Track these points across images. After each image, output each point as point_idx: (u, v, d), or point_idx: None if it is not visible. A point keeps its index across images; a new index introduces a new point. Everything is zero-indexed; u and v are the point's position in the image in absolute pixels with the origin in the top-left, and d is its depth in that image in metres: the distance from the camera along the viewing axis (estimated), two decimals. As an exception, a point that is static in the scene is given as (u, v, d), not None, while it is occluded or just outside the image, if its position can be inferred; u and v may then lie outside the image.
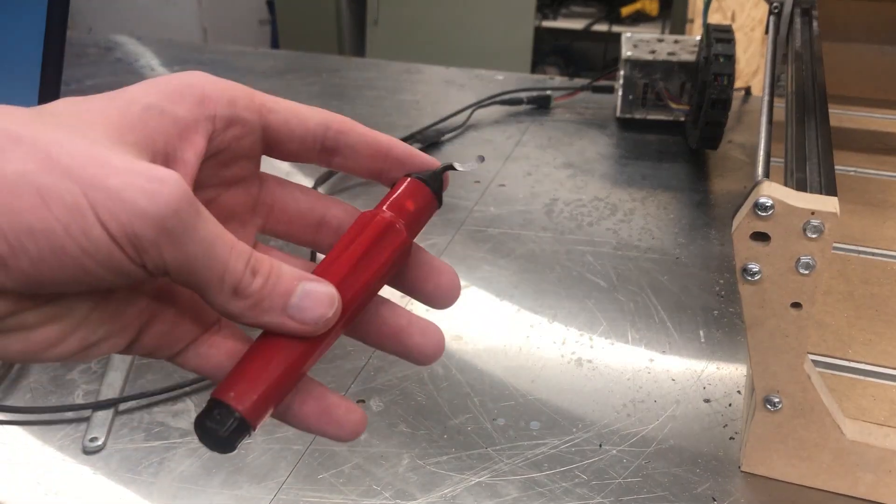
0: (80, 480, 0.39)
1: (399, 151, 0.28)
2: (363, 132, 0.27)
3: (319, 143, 0.27)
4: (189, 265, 0.21)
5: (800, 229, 0.31)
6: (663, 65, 0.74)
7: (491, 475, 0.39)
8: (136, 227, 0.19)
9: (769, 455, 0.37)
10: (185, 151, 0.23)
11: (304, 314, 0.23)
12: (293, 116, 0.26)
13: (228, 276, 0.22)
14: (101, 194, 0.19)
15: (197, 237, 0.21)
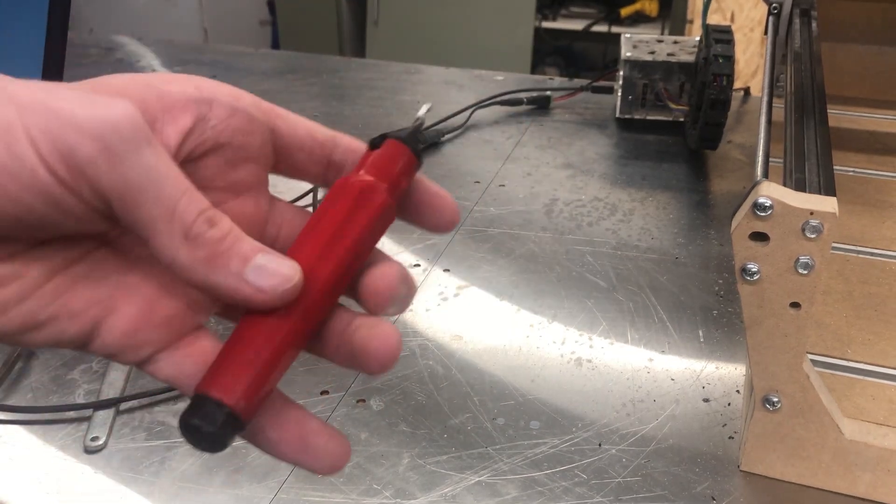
0: (82, 480, 0.39)
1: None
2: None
3: (327, 158, 0.25)
4: (132, 194, 0.19)
5: (799, 229, 0.31)
6: (663, 65, 0.74)
7: (491, 474, 0.39)
8: (70, 139, 0.18)
9: (768, 454, 0.38)
10: (165, 125, 0.22)
11: (263, 278, 0.20)
12: (301, 126, 0.25)
13: (179, 217, 0.19)
14: (38, 115, 0.18)
15: (143, 162, 0.19)
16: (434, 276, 0.55)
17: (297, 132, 0.25)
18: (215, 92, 0.23)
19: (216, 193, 0.24)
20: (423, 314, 0.51)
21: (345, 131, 0.26)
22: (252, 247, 0.21)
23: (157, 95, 0.22)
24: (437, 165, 0.72)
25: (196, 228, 0.20)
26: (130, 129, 0.19)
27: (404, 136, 0.25)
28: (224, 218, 0.21)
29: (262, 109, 0.24)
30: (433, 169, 0.71)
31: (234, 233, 0.21)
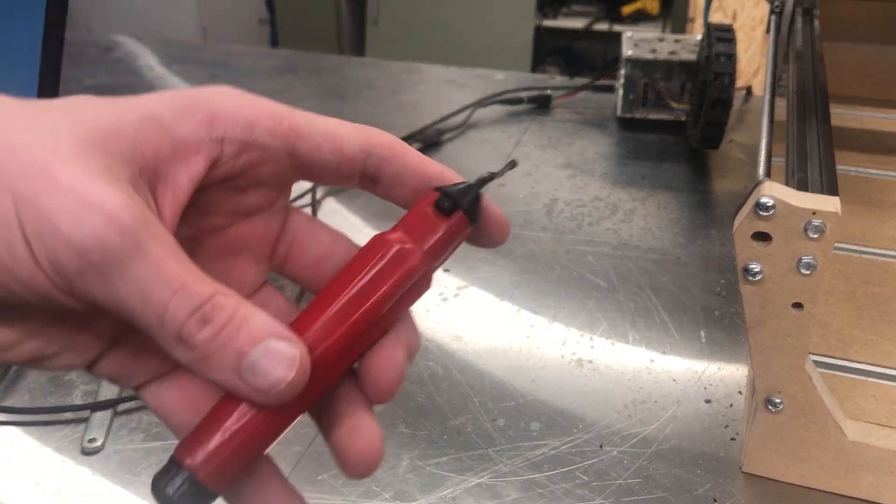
0: (79, 481, 0.38)
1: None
2: (410, 161, 0.23)
3: (358, 171, 0.23)
4: (122, 306, 0.19)
5: (801, 229, 0.31)
6: (664, 64, 0.74)
7: (491, 476, 0.39)
8: (59, 254, 0.18)
9: (770, 455, 0.37)
10: (177, 173, 0.21)
11: (258, 379, 0.19)
12: (327, 142, 0.23)
13: (168, 322, 0.19)
14: (32, 212, 0.18)
15: (128, 276, 0.18)
16: (434, 276, 0.55)
17: (321, 152, 0.23)
18: (227, 125, 0.21)
19: (222, 217, 0.23)
20: (423, 314, 0.51)
21: None
22: (250, 338, 0.19)
23: (171, 142, 0.21)
24: (437, 165, 0.72)
25: (186, 331, 0.19)
26: (118, 243, 0.18)
27: (465, 203, 0.23)
28: (223, 308, 0.19)
29: (279, 134, 0.22)
30: (433, 168, 0.71)
31: (234, 323, 0.19)
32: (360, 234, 0.61)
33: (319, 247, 0.25)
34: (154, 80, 0.94)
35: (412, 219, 0.23)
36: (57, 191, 0.18)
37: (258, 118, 0.22)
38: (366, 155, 0.23)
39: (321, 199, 0.65)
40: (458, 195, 0.23)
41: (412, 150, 0.24)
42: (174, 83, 0.93)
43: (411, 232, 0.22)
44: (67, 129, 0.19)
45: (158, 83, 0.93)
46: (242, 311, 0.20)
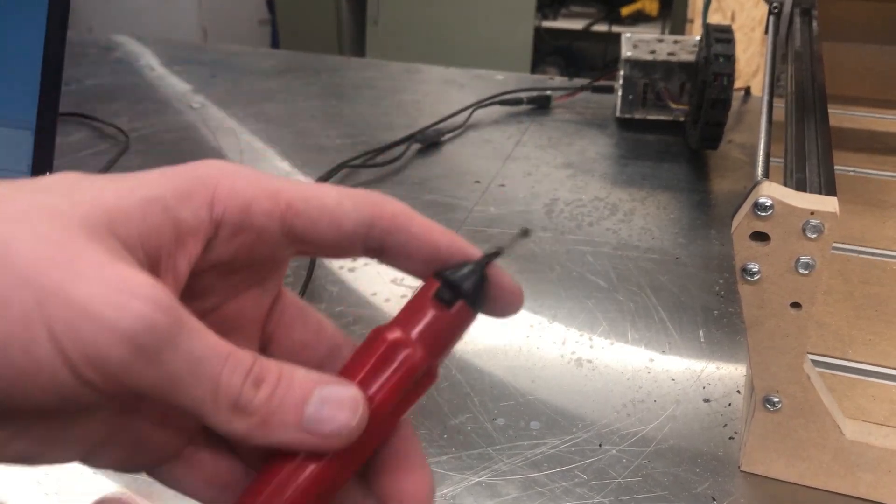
0: (81, 480, 0.39)
1: (460, 255, 0.22)
2: (416, 232, 0.22)
3: (360, 245, 0.22)
4: (172, 386, 0.18)
5: (799, 229, 0.31)
6: (663, 65, 0.74)
7: (491, 475, 0.39)
8: (101, 346, 0.17)
9: (769, 455, 0.37)
10: (177, 258, 0.20)
11: (324, 426, 0.19)
12: (325, 217, 0.21)
13: (223, 392, 0.18)
14: (60, 306, 0.16)
15: (179, 353, 0.17)
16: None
17: (318, 229, 0.21)
18: (225, 207, 0.20)
19: (213, 298, 0.22)
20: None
21: (344, 130, 0.24)
22: (303, 390, 0.19)
23: (173, 227, 0.20)
24: (437, 165, 0.72)
25: (244, 398, 0.18)
26: (164, 322, 0.17)
27: (467, 290, 0.21)
28: (270, 367, 0.19)
29: (275, 215, 0.21)
30: (433, 169, 0.71)
31: (284, 378, 0.19)
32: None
33: (307, 332, 0.24)
34: (154, 80, 0.94)
35: (412, 311, 0.21)
36: (87, 279, 0.17)
37: (253, 199, 0.21)
38: (367, 228, 0.22)
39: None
40: (459, 282, 0.21)
41: (418, 218, 0.22)
42: (174, 83, 0.93)
43: (411, 327, 0.21)
44: (69, 214, 0.18)
45: (159, 83, 0.93)
46: (284, 366, 0.19)
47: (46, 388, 0.17)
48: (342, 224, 0.21)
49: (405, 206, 0.22)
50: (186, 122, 0.81)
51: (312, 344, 0.24)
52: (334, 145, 0.75)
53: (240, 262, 0.22)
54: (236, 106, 0.85)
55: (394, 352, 0.21)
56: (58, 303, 0.16)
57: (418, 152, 0.74)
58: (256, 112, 0.83)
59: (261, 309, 0.23)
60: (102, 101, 0.86)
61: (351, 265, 0.56)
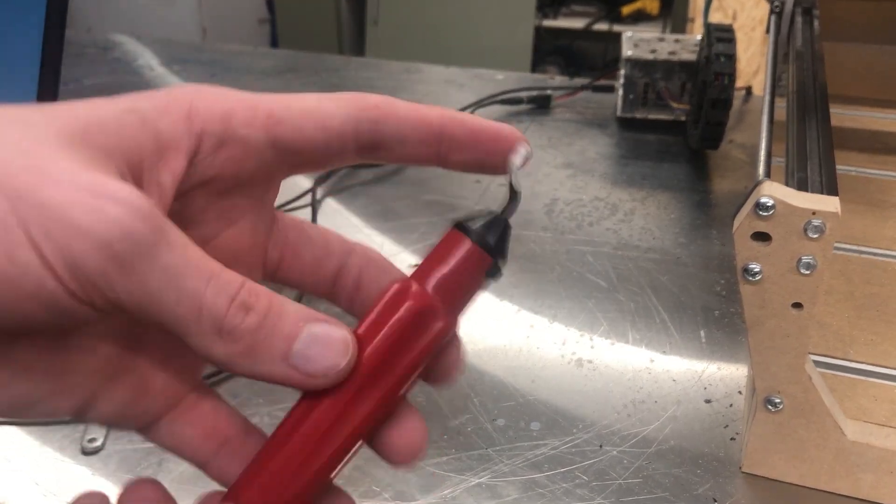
0: (79, 481, 0.38)
1: (456, 130, 0.22)
2: (405, 114, 0.21)
3: (352, 144, 0.21)
4: (151, 301, 0.17)
5: (801, 229, 0.31)
6: (664, 64, 0.74)
7: (491, 476, 0.39)
8: (76, 251, 0.16)
9: (770, 456, 0.37)
10: (160, 172, 0.19)
11: (311, 363, 0.18)
12: (309, 121, 0.21)
13: (207, 313, 0.17)
14: (34, 209, 0.15)
15: (158, 265, 0.16)
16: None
17: (304, 133, 0.21)
18: (204, 118, 0.20)
19: (207, 226, 0.22)
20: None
21: None
22: (293, 324, 0.18)
23: (153, 138, 0.19)
24: (437, 165, 0.72)
25: (229, 321, 0.18)
26: (143, 230, 0.16)
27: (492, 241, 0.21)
28: (260, 294, 0.18)
29: (257, 124, 0.21)
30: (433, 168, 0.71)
31: (274, 309, 0.18)
32: (360, 234, 0.61)
33: (315, 248, 0.24)
34: (154, 80, 0.93)
35: (433, 264, 0.21)
36: (60, 184, 0.16)
37: (232, 109, 0.20)
38: (355, 123, 0.21)
39: (321, 200, 0.65)
40: (476, 230, 0.21)
41: (402, 102, 0.21)
42: (174, 83, 0.93)
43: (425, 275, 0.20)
44: (43, 123, 0.17)
45: (158, 83, 0.93)
46: (275, 296, 0.18)
47: (34, 297, 0.16)
48: (327, 123, 0.21)
49: (385, 96, 0.22)
50: (186, 121, 0.81)
51: (323, 258, 0.23)
52: (334, 145, 0.74)
53: (228, 180, 0.21)
54: (236, 105, 0.85)
55: (399, 298, 0.20)
56: (32, 207, 0.16)
57: (418, 152, 0.74)
58: (256, 112, 0.83)
59: (259, 236, 0.23)
60: (102, 100, 0.85)
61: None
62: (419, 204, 0.65)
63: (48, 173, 0.16)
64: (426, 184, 0.68)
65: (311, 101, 0.21)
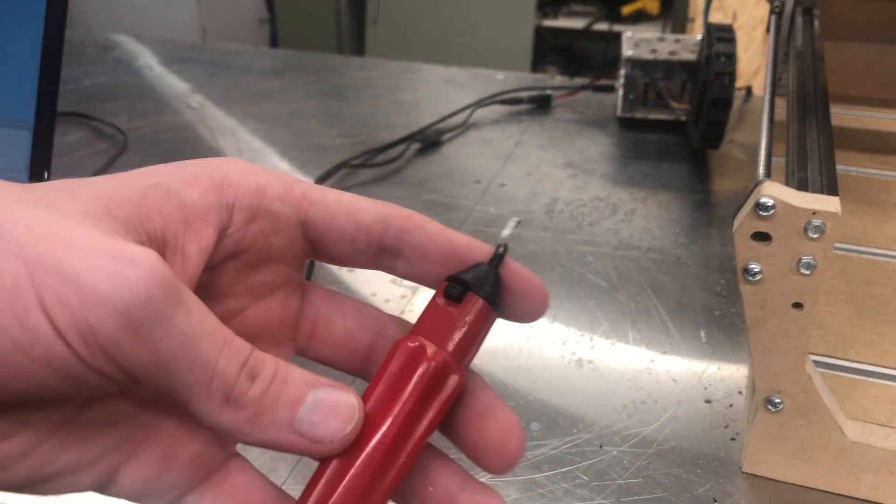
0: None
1: (478, 255, 0.21)
2: (433, 231, 0.21)
3: (376, 244, 0.21)
4: (164, 368, 0.17)
5: (801, 229, 0.31)
6: (664, 64, 0.74)
7: (490, 476, 0.38)
8: (91, 318, 0.16)
9: (770, 456, 0.37)
10: (186, 243, 0.19)
11: (316, 429, 0.18)
12: (342, 210, 0.21)
13: (218, 382, 0.17)
14: (51, 275, 0.15)
15: (175, 332, 0.16)
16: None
17: (335, 220, 0.21)
18: (237, 190, 0.20)
19: (236, 299, 0.21)
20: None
21: (344, 130, 0.24)
22: (298, 389, 0.18)
23: (179, 209, 0.19)
24: (437, 165, 0.72)
25: (238, 389, 0.17)
26: (161, 296, 0.16)
27: (488, 292, 0.21)
28: (266, 361, 0.18)
29: (290, 201, 0.21)
30: (433, 168, 0.71)
31: (279, 376, 0.18)
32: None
33: (347, 321, 0.23)
34: (153, 80, 0.93)
35: (427, 316, 0.21)
36: (81, 251, 0.16)
37: (267, 184, 0.20)
38: (384, 226, 0.21)
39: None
40: (468, 276, 0.21)
41: (433, 221, 0.22)
42: (173, 83, 0.93)
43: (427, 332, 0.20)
44: (66, 202, 0.17)
45: (158, 83, 0.93)
46: (280, 362, 0.18)
47: (46, 364, 0.16)
48: (360, 218, 0.21)
49: (415, 212, 0.22)
50: (185, 121, 0.81)
51: (356, 332, 0.23)
52: (334, 145, 0.74)
53: (258, 253, 0.21)
54: (235, 105, 0.85)
55: (411, 360, 0.20)
56: (49, 273, 0.15)
57: (418, 152, 0.74)
58: (255, 112, 0.83)
59: (288, 310, 0.22)
60: (101, 100, 0.85)
61: (350, 265, 0.56)
62: (419, 204, 0.64)
63: (70, 241, 0.16)
64: (426, 184, 0.68)
65: (346, 196, 0.21)
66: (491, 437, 0.21)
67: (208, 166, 0.20)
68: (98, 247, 0.16)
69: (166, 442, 0.20)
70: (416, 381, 0.20)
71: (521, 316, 0.22)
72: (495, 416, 0.21)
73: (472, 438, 0.21)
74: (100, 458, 0.19)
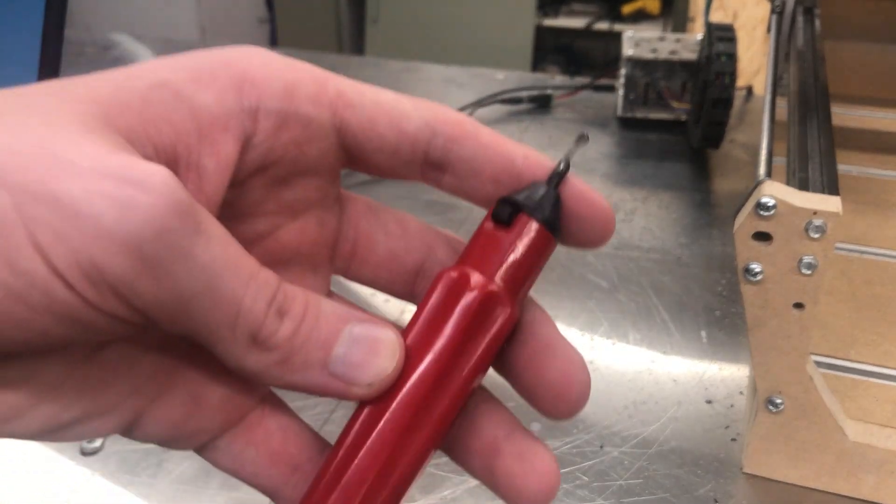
0: (78, 482, 0.38)
1: (539, 172, 0.19)
2: (486, 142, 0.19)
3: (421, 155, 0.18)
4: (183, 307, 0.14)
5: (802, 229, 0.31)
6: (665, 64, 0.74)
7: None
8: (95, 254, 0.13)
9: (771, 456, 0.37)
10: (203, 156, 0.16)
11: (353, 370, 0.16)
12: (383, 114, 0.18)
13: (243, 320, 0.15)
14: (43, 205, 0.13)
15: (195, 266, 0.14)
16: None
17: (376, 127, 0.18)
18: (261, 90, 0.17)
19: (266, 219, 0.19)
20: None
21: None
22: (332, 326, 0.16)
23: (191, 115, 0.16)
24: (438, 164, 0.71)
25: (266, 329, 0.15)
26: (176, 226, 0.13)
27: (545, 214, 0.18)
28: (295, 296, 0.16)
29: (324, 102, 0.18)
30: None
31: (311, 311, 0.16)
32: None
33: (391, 240, 0.20)
34: (154, 80, 0.93)
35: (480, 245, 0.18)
36: (76, 172, 0.13)
37: (298, 82, 0.17)
38: (431, 134, 0.18)
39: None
40: (522, 199, 0.18)
41: (487, 129, 0.19)
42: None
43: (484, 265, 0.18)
44: (54, 107, 0.14)
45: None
46: (311, 296, 0.16)
47: (46, 310, 0.13)
48: (403, 124, 0.18)
49: (468, 116, 0.19)
50: (186, 121, 0.81)
51: (401, 253, 0.20)
52: (334, 144, 0.74)
53: (289, 166, 0.18)
54: (236, 105, 0.85)
55: (454, 291, 0.18)
56: (40, 202, 0.13)
57: (418, 151, 0.73)
58: (256, 111, 0.83)
59: (326, 229, 0.19)
60: (101, 99, 0.85)
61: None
62: (419, 204, 0.64)
63: (64, 160, 0.13)
64: (426, 183, 0.68)
65: (388, 96, 0.18)
66: (550, 378, 0.18)
67: (223, 57, 0.17)
68: (98, 166, 0.13)
69: (192, 384, 0.18)
70: (461, 316, 0.17)
71: (583, 242, 0.19)
72: (555, 354, 0.18)
73: (530, 380, 0.18)
74: (119, 403, 0.17)
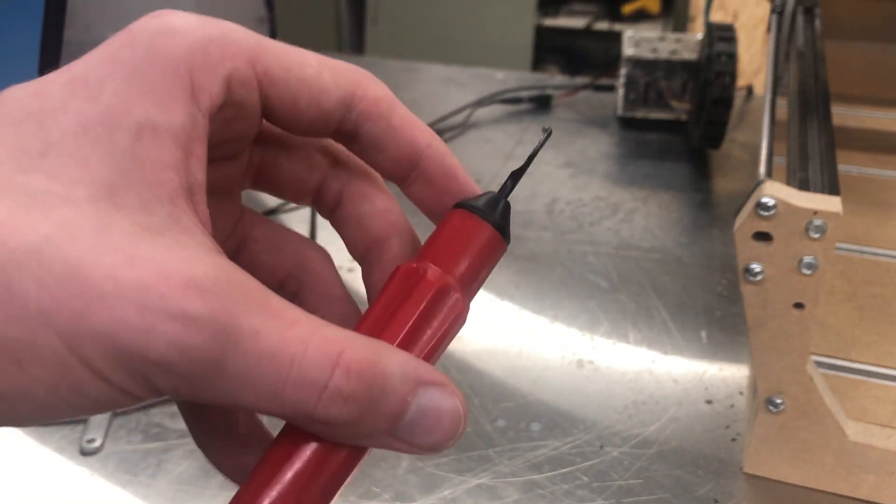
0: (78, 482, 0.38)
1: (432, 166, 0.21)
2: (397, 124, 0.20)
3: (334, 125, 0.20)
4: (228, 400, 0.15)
5: (802, 229, 0.31)
6: (665, 63, 0.74)
7: (491, 477, 0.38)
8: (149, 374, 0.14)
9: (771, 456, 0.37)
10: (192, 173, 0.17)
11: (419, 437, 0.16)
12: (305, 90, 0.19)
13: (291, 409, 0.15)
14: (95, 345, 0.14)
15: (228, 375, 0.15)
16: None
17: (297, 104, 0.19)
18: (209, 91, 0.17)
19: None
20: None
21: None
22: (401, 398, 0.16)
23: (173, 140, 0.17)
24: (438, 164, 0.71)
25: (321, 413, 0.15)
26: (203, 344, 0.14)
27: (496, 218, 0.20)
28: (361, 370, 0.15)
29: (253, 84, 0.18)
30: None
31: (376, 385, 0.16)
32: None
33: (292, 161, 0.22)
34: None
35: (437, 244, 0.20)
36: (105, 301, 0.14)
37: (233, 69, 0.18)
38: (346, 110, 0.19)
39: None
40: (482, 207, 0.20)
41: (401, 108, 0.20)
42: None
43: (443, 260, 0.19)
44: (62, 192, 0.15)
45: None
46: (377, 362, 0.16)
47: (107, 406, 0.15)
48: (322, 101, 0.19)
49: (388, 92, 0.20)
50: (186, 120, 0.81)
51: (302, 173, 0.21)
52: (334, 144, 0.74)
53: (218, 139, 0.19)
54: (236, 105, 0.85)
55: (440, 294, 0.19)
56: (90, 342, 0.14)
57: (418, 151, 0.73)
58: (256, 111, 0.83)
59: (240, 165, 0.21)
60: (101, 99, 0.85)
61: (350, 265, 0.56)
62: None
63: (91, 286, 0.14)
64: (426, 183, 0.68)
65: (311, 68, 0.19)
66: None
67: (166, 63, 0.17)
68: (122, 291, 0.14)
69: None
70: (415, 303, 0.18)
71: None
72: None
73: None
74: None
